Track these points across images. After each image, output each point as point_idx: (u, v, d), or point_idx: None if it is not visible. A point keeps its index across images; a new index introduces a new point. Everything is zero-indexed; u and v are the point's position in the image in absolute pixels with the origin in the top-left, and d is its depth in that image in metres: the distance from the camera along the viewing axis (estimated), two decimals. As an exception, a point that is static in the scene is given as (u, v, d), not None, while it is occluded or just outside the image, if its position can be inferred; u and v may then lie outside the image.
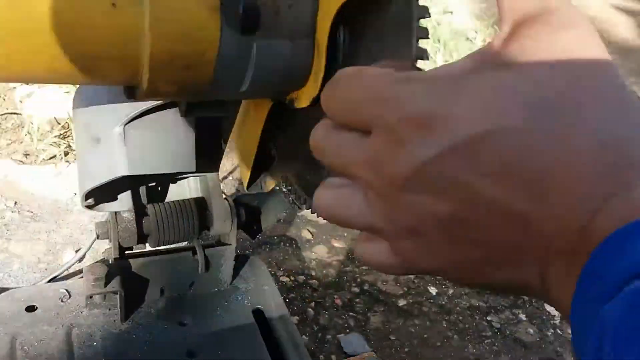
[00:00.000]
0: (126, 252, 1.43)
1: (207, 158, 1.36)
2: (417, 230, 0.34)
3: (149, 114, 1.16)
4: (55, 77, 0.77)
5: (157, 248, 1.48)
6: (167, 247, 1.54)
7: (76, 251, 2.19)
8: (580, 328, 0.27)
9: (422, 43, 0.65)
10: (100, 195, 1.31)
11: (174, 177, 1.47)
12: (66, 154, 2.83)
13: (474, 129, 0.30)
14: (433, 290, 2.34)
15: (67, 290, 1.48)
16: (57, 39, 0.67)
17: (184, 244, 1.54)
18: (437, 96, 0.31)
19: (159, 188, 1.52)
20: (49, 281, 1.91)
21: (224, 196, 1.53)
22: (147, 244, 1.46)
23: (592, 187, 0.29)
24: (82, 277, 1.67)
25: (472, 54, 0.34)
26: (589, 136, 0.29)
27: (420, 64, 0.65)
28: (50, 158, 2.77)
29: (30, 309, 1.42)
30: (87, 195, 1.23)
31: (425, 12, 0.65)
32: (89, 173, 1.19)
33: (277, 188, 1.34)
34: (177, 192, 1.53)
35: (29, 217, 2.44)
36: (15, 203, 2.49)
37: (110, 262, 1.37)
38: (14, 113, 3.08)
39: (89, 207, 1.31)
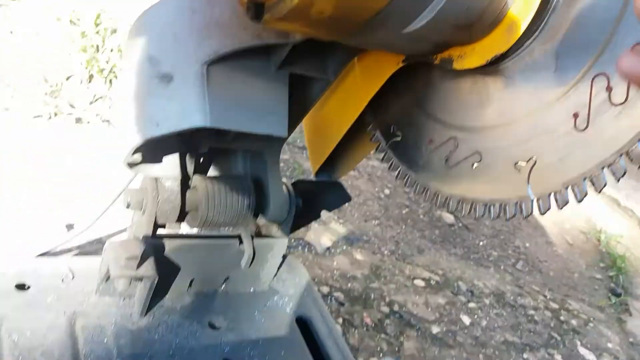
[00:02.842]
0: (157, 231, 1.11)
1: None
2: None
3: (239, 57, 0.88)
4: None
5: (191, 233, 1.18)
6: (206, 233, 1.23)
7: (68, 226, 1.82)
8: None
9: None
10: (147, 152, 1.00)
11: (232, 147, 1.16)
12: (51, 116, 2.46)
13: None
14: (466, 319, 2.08)
15: (70, 268, 1.14)
16: None
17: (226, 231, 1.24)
18: None
19: (204, 161, 1.21)
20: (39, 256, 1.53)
21: (282, 179, 1.23)
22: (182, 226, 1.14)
23: None
24: (80, 255, 1.33)
25: None
26: None
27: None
28: (35, 117, 2.39)
29: (22, 287, 1.07)
30: (138, 149, 0.92)
31: None
32: (149, 118, 0.87)
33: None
34: (224, 169, 1.23)
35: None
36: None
37: (142, 240, 1.04)
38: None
39: (131, 165, 1.00)
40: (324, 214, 1.65)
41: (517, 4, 0.69)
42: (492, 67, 0.78)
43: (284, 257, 1.41)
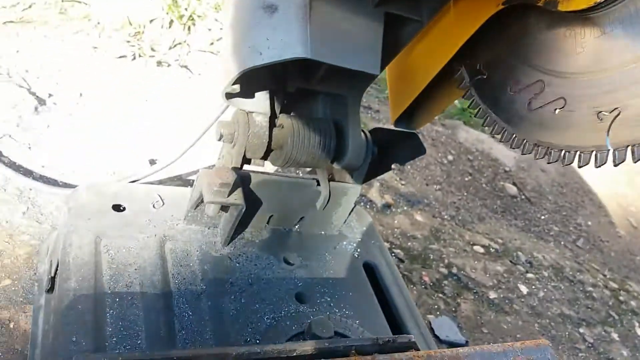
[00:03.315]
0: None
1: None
2: None
3: None
4: None
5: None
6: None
7: (151, 161, 1.93)
8: None
9: None
10: (244, 84, 1.04)
11: (317, 89, 1.19)
12: (135, 57, 2.57)
13: None
14: (524, 288, 2.08)
15: (159, 195, 1.23)
16: None
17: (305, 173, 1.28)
18: None
19: (289, 102, 1.25)
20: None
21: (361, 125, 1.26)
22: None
23: None
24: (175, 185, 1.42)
25: None
26: None
27: None
28: (120, 57, 2.50)
29: (117, 208, 1.17)
30: (238, 79, 0.97)
31: None
32: (253, 48, 0.91)
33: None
34: (307, 112, 1.26)
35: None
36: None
37: (234, 170, 1.10)
38: (81, 1, 2.81)
39: (229, 96, 1.05)
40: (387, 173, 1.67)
41: None
42: (594, 12, 0.77)
43: (355, 204, 1.46)
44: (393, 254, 1.93)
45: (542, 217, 3.27)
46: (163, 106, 2.30)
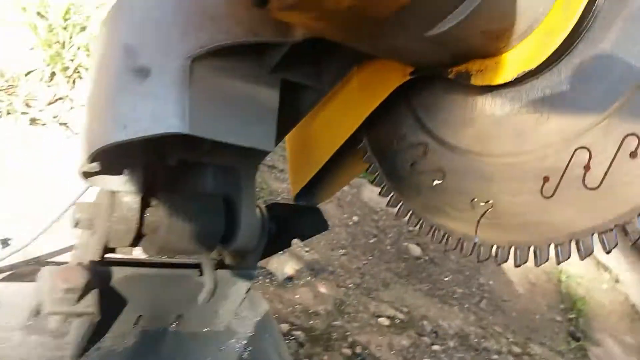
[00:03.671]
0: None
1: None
2: None
3: (228, 54, 0.76)
4: None
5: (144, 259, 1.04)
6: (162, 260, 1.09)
7: (3, 241, 1.62)
8: None
9: None
10: (107, 160, 0.86)
11: (205, 161, 1.03)
12: (3, 114, 2.27)
13: None
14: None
15: (-6, 295, 0.98)
16: None
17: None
18: None
19: (170, 175, 1.07)
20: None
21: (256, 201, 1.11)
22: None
23: None
24: (10, 279, 1.16)
25: None
26: None
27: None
28: (-13, 114, 2.19)
29: None
30: (97, 155, 0.78)
31: None
32: (116, 119, 0.73)
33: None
34: (193, 186, 1.09)
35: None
36: None
37: (87, 267, 0.89)
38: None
39: (87, 175, 0.85)
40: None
41: (554, 11, 0.60)
42: (501, 90, 0.70)
43: (247, 291, 1.28)
44: (293, 337, 1.76)
45: (446, 279, 3.26)
46: (30, 171, 2.01)
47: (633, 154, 0.55)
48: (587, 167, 0.59)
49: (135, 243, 0.95)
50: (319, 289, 2.09)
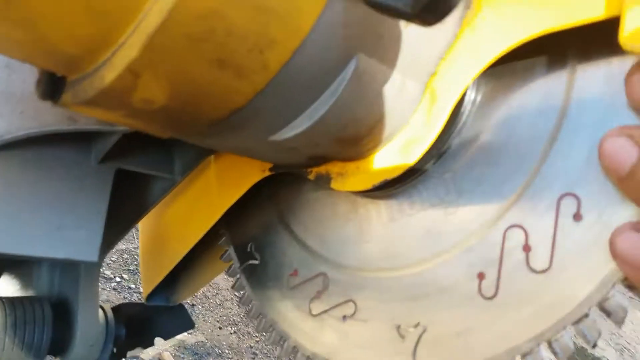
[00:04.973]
0: None
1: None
2: None
3: (39, 144, 0.63)
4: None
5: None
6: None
7: None
8: None
9: None
10: None
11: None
12: None
13: None
14: None
15: None
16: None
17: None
18: None
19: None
20: None
21: (99, 302, 0.95)
22: None
23: None
24: None
25: None
26: None
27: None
28: None
29: None
30: None
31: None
32: None
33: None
34: (24, 284, 0.92)
35: None
36: None
37: None
38: None
39: None
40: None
41: (417, 115, 0.53)
42: (382, 193, 0.60)
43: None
44: None
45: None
46: None
47: (577, 216, 0.46)
48: (526, 248, 0.49)
49: None
50: (199, 378, 1.89)
